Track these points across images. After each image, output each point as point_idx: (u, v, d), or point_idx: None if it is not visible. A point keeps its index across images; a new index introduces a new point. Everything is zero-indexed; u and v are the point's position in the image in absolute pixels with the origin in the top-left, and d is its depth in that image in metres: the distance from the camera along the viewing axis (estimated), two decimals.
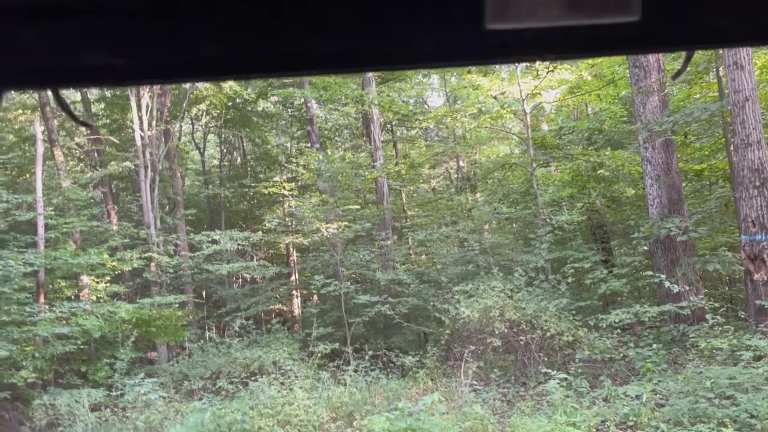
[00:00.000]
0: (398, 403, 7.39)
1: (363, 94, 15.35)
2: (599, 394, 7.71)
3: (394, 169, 16.30)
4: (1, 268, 10.50)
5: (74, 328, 11.04)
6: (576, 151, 12.96)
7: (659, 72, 10.47)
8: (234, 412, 7.55)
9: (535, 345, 9.37)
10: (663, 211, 10.28)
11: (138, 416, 9.22)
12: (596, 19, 0.69)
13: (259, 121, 21.05)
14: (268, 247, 19.68)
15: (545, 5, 0.68)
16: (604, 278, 10.53)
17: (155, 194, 15.82)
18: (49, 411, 9.72)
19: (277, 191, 17.32)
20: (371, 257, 14.92)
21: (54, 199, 14.23)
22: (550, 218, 11.81)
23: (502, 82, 14.00)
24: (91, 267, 12.99)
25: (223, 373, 10.64)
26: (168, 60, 0.73)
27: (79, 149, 20.85)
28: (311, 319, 13.02)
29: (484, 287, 10.18)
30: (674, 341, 9.36)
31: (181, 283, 15.87)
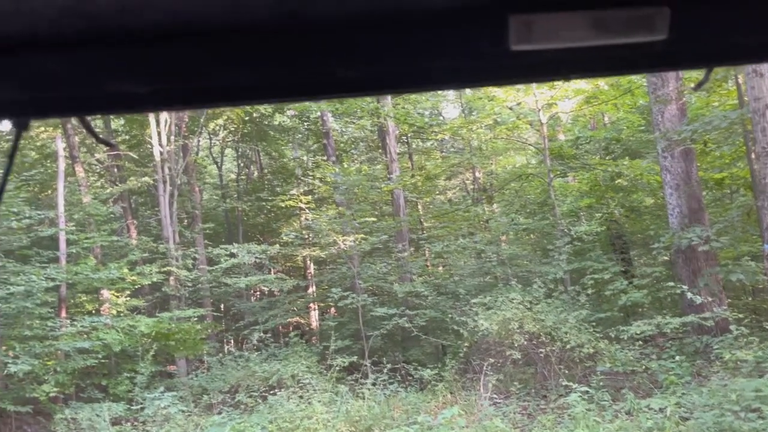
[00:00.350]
0: (417, 417, 7.35)
1: (378, 107, 15.41)
2: (622, 407, 7.60)
3: (410, 180, 16.31)
4: (23, 283, 10.65)
5: (95, 342, 11.14)
6: (593, 160, 12.88)
7: (677, 80, 10.39)
8: (253, 426, 7.56)
9: (556, 357, 9.27)
10: (683, 220, 10.16)
11: (158, 430, 9.26)
12: (622, 38, 0.69)
13: (275, 135, 21.20)
14: (286, 260, 19.74)
15: (570, 27, 0.68)
16: (625, 289, 10.40)
17: (174, 208, 15.97)
18: (71, 425, 9.80)
19: (293, 204, 17.39)
20: (388, 269, 14.89)
21: (75, 214, 14.42)
22: (568, 229, 11.72)
23: (518, 93, 13.96)
24: (112, 281, 13.12)
25: (241, 387, 10.66)
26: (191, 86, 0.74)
27: (99, 165, 21.13)
28: (329, 332, 13.00)
29: (502, 299, 10.10)
30: (698, 353, 9.21)
31: (199, 296, 15.96)
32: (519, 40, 0.68)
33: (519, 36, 0.68)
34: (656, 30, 0.69)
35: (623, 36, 0.69)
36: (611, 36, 0.69)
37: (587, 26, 0.68)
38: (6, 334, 11.08)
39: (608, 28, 0.68)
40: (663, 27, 0.69)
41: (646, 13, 0.68)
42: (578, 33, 0.69)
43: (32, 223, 12.39)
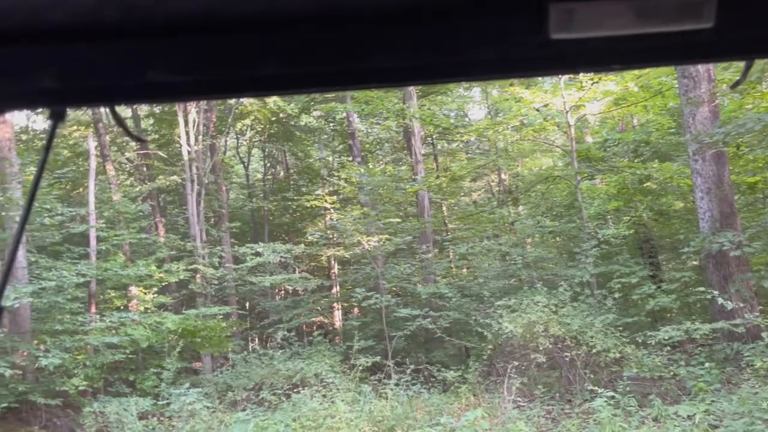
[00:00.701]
0: (440, 419, 7.32)
1: (404, 108, 15.40)
2: (649, 413, 7.47)
3: (434, 182, 16.27)
4: (55, 278, 10.87)
5: (123, 337, 11.33)
6: (622, 163, 12.70)
7: (709, 82, 10.19)
8: (277, 424, 7.61)
9: (581, 361, 9.16)
10: (714, 225, 9.96)
11: (183, 425, 9.37)
12: (668, 26, 0.68)
13: (301, 136, 21.33)
14: (310, 260, 19.84)
15: (613, 14, 0.67)
16: (653, 294, 10.24)
17: (201, 207, 16.17)
18: (99, 418, 9.97)
19: (319, 204, 17.48)
20: (412, 270, 14.88)
21: (105, 212, 14.69)
22: (595, 232, 11.57)
23: (545, 94, 13.84)
24: (140, 278, 13.33)
25: (265, 385, 10.73)
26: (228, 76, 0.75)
27: (129, 164, 21.49)
28: (352, 331, 13.03)
29: (527, 302, 10.02)
30: (728, 360, 9.01)
31: (225, 294, 16.13)
32: (559, 29, 0.67)
33: (559, 24, 0.67)
34: (703, 18, 0.67)
35: (668, 24, 0.68)
36: (656, 24, 0.68)
37: (631, 14, 0.67)
38: (38, 328, 11.33)
39: (653, 15, 0.67)
40: (710, 14, 0.67)
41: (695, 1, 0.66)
42: (621, 21, 0.67)
43: (64, 220, 12.65)
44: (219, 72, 0.73)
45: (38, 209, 11.68)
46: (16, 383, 10.17)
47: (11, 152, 11.98)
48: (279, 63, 0.72)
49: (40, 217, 11.83)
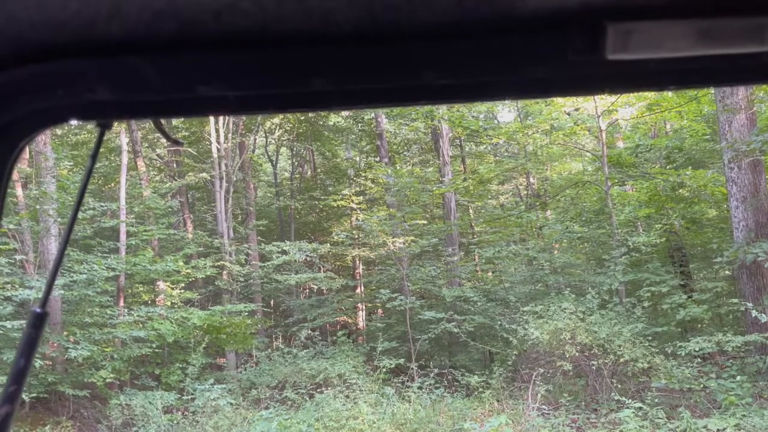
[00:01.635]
0: (464, 424, 7.27)
1: (433, 109, 15.35)
2: (677, 426, 7.33)
3: (462, 184, 16.19)
4: (86, 271, 11.07)
5: (150, 332, 11.49)
6: (654, 170, 12.48)
7: (747, 89, 9.96)
8: (300, 423, 7.63)
9: (608, 371, 9.02)
10: (749, 234, 9.73)
11: (207, 421, 9.47)
12: (729, 49, 0.65)
13: (329, 135, 21.42)
14: (335, 259, 19.91)
15: (673, 36, 0.64)
16: (683, 303, 10.04)
17: (229, 204, 16.33)
18: (125, 411, 10.12)
19: (345, 204, 17.52)
20: (437, 273, 14.82)
21: (135, 207, 14.92)
22: (625, 239, 11.39)
23: (577, 99, 13.67)
24: (167, 273, 13.51)
25: (289, 383, 10.79)
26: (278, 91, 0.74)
27: (159, 160, 21.81)
28: (376, 333, 13.03)
29: (554, 308, 9.90)
30: (760, 373, 8.80)
31: (251, 291, 16.27)
32: (616, 49, 0.65)
33: (616, 45, 0.65)
34: (766, 40, 0.64)
35: (730, 47, 0.65)
36: (717, 46, 0.65)
37: (692, 35, 0.64)
38: (68, 320, 11.56)
39: (715, 37, 0.64)
40: None
41: (758, 23, 0.64)
42: (681, 42, 0.65)
43: (95, 214, 12.88)
44: (269, 87, 0.72)
45: (71, 203, 11.91)
46: (45, 374, 10.39)
47: (46, 147, 12.24)
48: (328, 80, 0.71)
49: None
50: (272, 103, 0.75)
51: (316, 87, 0.71)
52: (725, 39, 0.64)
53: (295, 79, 0.70)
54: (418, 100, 0.76)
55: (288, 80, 0.70)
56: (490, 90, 0.74)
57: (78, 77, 0.70)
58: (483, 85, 0.73)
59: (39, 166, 12.18)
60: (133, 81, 0.70)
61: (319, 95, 0.73)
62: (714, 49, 0.65)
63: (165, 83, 0.71)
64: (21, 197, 12.10)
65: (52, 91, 0.71)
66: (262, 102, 0.74)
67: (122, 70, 0.70)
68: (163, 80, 0.70)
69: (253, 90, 0.72)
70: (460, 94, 0.74)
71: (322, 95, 0.73)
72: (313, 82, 0.71)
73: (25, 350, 0.75)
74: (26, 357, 0.75)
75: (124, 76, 0.70)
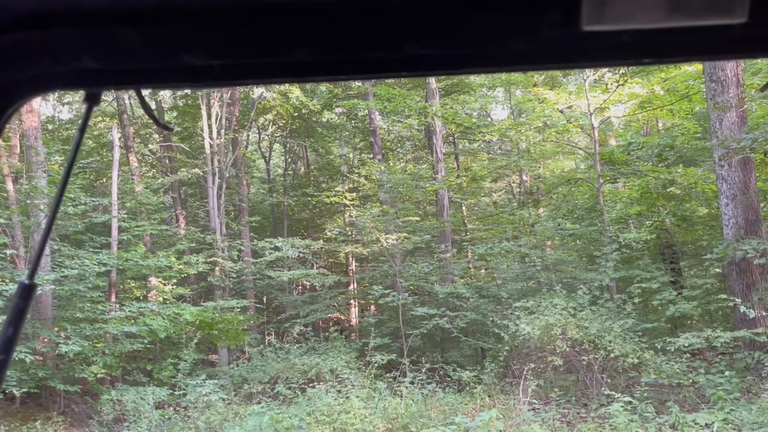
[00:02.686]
0: (455, 418, 7.30)
1: (426, 106, 15.37)
2: (666, 420, 7.38)
3: (455, 181, 16.22)
4: (77, 266, 11.03)
5: (142, 327, 11.47)
6: (645, 167, 12.54)
7: (738, 87, 10.03)
8: (291, 418, 7.64)
9: (598, 366, 9.08)
10: (739, 232, 9.80)
11: (199, 416, 9.46)
12: (700, 20, 0.67)
13: (323, 132, 21.41)
14: (328, 256, 19.91)
15: (646, 7, 0.66)
16: (673, 300, 10.10)
17: (222, 201, 16.30)
18: (116, 406, 10.11)
19: (338, 201, 17.53)
20: (430, 269, 14.86)
21: (127, 202, 14.87)
22: (617, 236, 11.45)
23: (570, 96, 13.73)
24: (159, 269, 13.48)
25: (281, 379, 10.79)
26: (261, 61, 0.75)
27: (152, 156, 21.74)
28: (368, 329, 13.06)
29: (545, 304, 9.95)
30: (748, 369, 8.87)
31: (243, 288, 16.25)
32: (591, 21, 0.67)
33: (591, 16, 0.66)
34: (736, 13, 0.66)
35: (700, 18, 0.67)
36: (688, 18, 0.67)
37: (664, 7, 0.66)
38: (59, 315, 11.51)
39: (685, 9, 0.66)
40: (743, 10, 0.66)
41: None
42: (654, 14, 0.66)
43: (87, 209, 12.83)
44: (252, 57, 0.74)
45: None
46: (36, 369, 10.35)
47: (37, 141, 12.18)
48: (310, 50, 0.72)
49: (64, 206, 12.01)
50: (256, 73, 0.77)
51: (298, 57, 0.73)
52: (695, 11, 0.66)
53: (278, 49, 0.72)
54: (400, 71, 0.77)
55: (271, 50, 0.72)
56: (471, 62, 0.75)
57: (64, 45, 0.71)
58: (463, 57, 0.74)
59: (30, 160, 12.12)
60: (118, 50, 0.71)
61: (302, 65, 0.75)
62: (684, 21, 0.67)
63: (150, 52, 0.72)
64: (12, 192, 12.05)
65: (38, 59, 0.72)
66: (246, 71, 0.76)
67: (107, 39, 0.71)
68: (148, 49, 0.71)
69: (236, 59, 0.73)
70: (438, 65, 0.75)
71: (305, 65, 0.75)
72: (296, 53, 0.72)
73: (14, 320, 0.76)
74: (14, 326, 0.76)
75: (109, 44, 0.71)
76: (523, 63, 0.75)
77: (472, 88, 19.55)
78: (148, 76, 0.76)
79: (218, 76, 0.77)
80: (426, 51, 0.72)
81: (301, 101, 17.69)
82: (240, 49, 0.72)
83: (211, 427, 9.23)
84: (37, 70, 0.73)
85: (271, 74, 0.77)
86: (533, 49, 0.72)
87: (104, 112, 20.08)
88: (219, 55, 0.72)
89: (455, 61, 0.74)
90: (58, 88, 0.77)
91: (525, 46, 0.71)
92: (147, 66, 0.74)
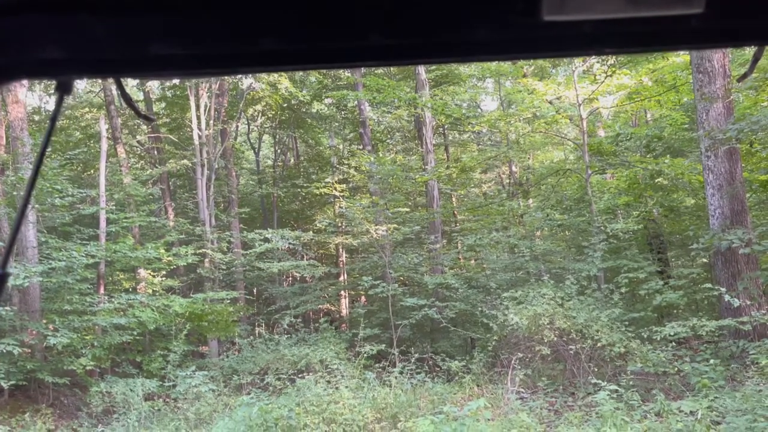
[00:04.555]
0: (443, 407, 7.36)
1: (416, 97, 15.36)
2: (651, 408, 7.47)
3: (445, 172, 16.25)
4: (65, 258, 10.97)
5: (131, 319, 11.44)
6: (633, 158, 12.62)
7: (725, 78, 10.09)
8: (281, 408, 7.67)
9: (585, 355, 9.16)
10: (725, 222, 9.90)
11: (188, 407, 9.48)
12: (657, 11, 0.68)
13: (312, 123, 21.34)
14: (318, 247, 19.92)
15: None
16: (660, 289, 10.20)
17: (211, 192, 16.24)
18: (106, 398, 10.10)
19: (328, 192, 17.52)
20: (420, 260, 14.90)
21: (116, 194, 14.79)
22: (604, 226, 11.53)
23: (558, 87, 13.77)
24: (148, 261, 13.43)
25: (271, 370, 10.81)
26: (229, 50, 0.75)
27: (140, 147, 21.60)
28: (358, 319, 13.09)
29: (533, 294, 10.02)
30: (733, 357, 8.99)
31: (233, 279, 16.23)
32: (551, 11, 0.68)
33: (552, 7, 0.68)
34: (693, 3, 0.68)
35: (658, 9, 0.68)
36: (646, 8, 0.68)
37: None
38: (47, 307, 11.46)
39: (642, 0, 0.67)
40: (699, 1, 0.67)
41: None
42: (612, 5, 0.68)
43: (74, 201, 12.75)
44: (221, 46, 0.74)
45: (49, 189, 11.77)
46: (24, 361, 10.31)
47: (23, 132, 12.07)
48: (279, 38, 0.73)
49: (51, 198, 11.93)
50: (223, 62, 0.77)
51: (265, 46, 0.73)
52: (652, 2, 0.67)
53: (244, 38, 0.72)
54: (366, 60, 0.78)
55: (237, 39, 0.72)
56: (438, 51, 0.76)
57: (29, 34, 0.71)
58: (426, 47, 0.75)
59: (16, 152, 12.02)
60: (84, 38, 0.72)
61: (268, 54, 0.75)
62: (642, 11, 0.68)
63: (116, 41, 0.72)
64: None
65: (5, 47, 0.72)
66: (213, 61, 0.76)
67: (73, 28, 0.71)
68: (114, 38, 0.72)
69: (203, 49, 0.74)
70: (405, 55, 0.76)
71: (272, 54, 0.75)
72: (263, 42, 0.73)
73: None
74: None
75: (74, 33, 0.71)
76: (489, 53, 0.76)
77: (462, 79, 19.54)
78: (116, 65, 0.77)
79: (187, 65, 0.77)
80: (391, 41, 0.73)
81: (290, 92, 17.62)
82: (206, 38, 0.73)
83: (200, 418, 9.25)
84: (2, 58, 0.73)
85: (239, 63, 0.78)
86: (497, 39, 0.73)
87: (92, 103, 19.91)
88: (185, 44, 0.73)
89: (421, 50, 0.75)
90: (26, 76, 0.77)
91: (487, 35, 0.72)
92: (114, 56, 0.74)
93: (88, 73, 0.78)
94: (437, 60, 0.78)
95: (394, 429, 7.61)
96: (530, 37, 0.73)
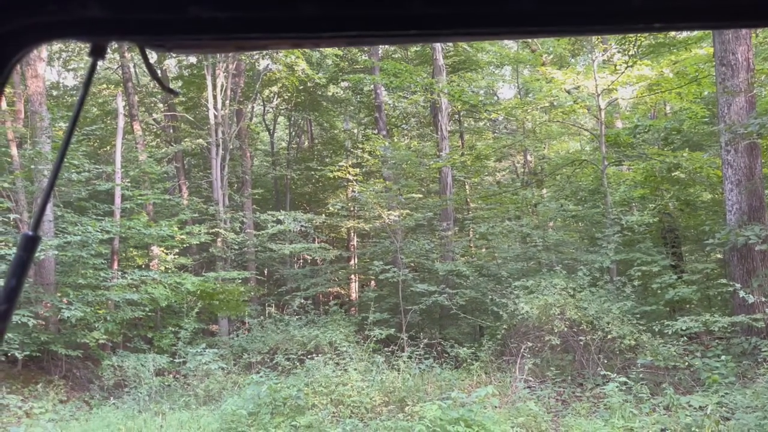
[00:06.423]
0: (451, 393, 7.38)
1: (433, 82, 15.26)
2: (660, 401, 7.46)
3: (459, 159, 16.17)
4: (80, 233, 11.07)
5: (143, 295, 11.55)
6: (651, 150, 12.49)
7: (748, 71, 9.93)
8: (289, 388, 7.73)
9: (595, 346, 9.14)
10: (742, 218, 9.78)
11: (198, 384, 9.59)
12: None
13: (328, 106, 21.29)
14: (330, 230, 19.96)
15: None
16: (673, 284, 10.13)
17: (225, 172, 16.29)
18: (117, 372, 10.23)
19: (341, 176, 17.51)
20: (431, 247, 14.88)
21: (131, 171, 14.87)
22: (619, 218, 11.44)
23: (578, 76, 13.61)
24: (162, 238, 13.53)
25: (280, 350, 10.90)
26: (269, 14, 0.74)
27: (156, 125, 21.67)
28: (368, 303, 13.13)
29: (545, 284, 9.99)
30: (745, 354, 8.93)
31: (244, 259, 16.31)
32: None
33: None
34: None
35: None
36: None
37: None
38: (61, 280, 11.59)
39: None
40: None
41: None
42: None
43: (91, 176, 12.84)
44: (259, 10, 0.73)
45: (66, 165, 11.85)
46: (38, 333, 10.45)
47: (42, 107, 12.14)
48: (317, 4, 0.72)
49: (68, 173, 12.01)
50: (262, 27, 0.76)
51: (305, 11, 0.72)
52: None
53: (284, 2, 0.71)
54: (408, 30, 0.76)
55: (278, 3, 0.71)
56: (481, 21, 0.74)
57: None
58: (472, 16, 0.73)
59: (34, 126, 12.10)
60: None
61: (308, 20, 0.74)
62: None
63: (157, 3, 0.71)
64: (16, 157, 12.05)
65: (43, 5, 0.71)
66: (253, 25, 0.75)
67: None
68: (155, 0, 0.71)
69: (243, 12, 0.72)
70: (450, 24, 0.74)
71: (312, 21, 0.74)
72: (302, 7, 0.71)
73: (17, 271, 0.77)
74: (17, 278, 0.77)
75: None
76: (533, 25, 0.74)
77: (480, 65, 19.38)
78: (154, 26, 0.75)
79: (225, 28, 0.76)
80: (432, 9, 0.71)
81: (306, 74, 17.56)
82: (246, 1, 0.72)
83: (210, 395, 9.36)
84: (42, 17, 0.72)
85: (278, 28, 0.77)
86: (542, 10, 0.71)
87: (109, 79, 19.98)
88: (224, 6, 0.71)
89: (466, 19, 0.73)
90: (63, 36, 0.76)
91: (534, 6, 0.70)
92: (152, 16, 0.73)
93: (127, 34, 0.77)
94: (479, 33, 0.75)
95: (401, 413, 7.65)
96: (576, 10, 0.71)
